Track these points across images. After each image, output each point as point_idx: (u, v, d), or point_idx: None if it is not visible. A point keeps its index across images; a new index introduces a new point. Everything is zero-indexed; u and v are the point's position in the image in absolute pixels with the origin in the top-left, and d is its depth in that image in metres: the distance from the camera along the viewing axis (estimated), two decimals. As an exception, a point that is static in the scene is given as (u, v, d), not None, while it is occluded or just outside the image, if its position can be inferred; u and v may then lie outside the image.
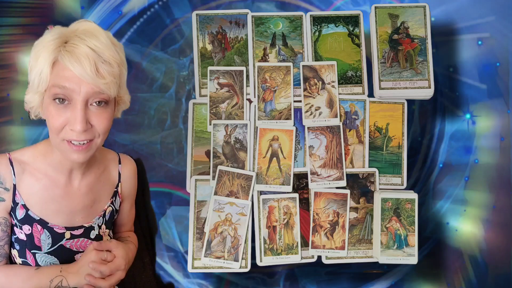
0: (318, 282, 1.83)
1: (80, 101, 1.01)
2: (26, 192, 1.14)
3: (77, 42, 1.00)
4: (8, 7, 1.75)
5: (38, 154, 1.16)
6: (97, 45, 1.00)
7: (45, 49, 1.01)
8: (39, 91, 1.04)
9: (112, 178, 1.29)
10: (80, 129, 1.01)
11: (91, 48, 0.99)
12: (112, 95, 1.05)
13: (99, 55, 1.01)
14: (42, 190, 1.15)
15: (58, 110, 1.02)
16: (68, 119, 1.02)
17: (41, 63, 1.01)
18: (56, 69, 1.01)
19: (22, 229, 1.15)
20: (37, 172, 1.15)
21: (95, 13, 1.77)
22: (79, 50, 0.99)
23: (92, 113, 1.04)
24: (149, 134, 1.76)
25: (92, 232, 1.21)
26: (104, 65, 1.01)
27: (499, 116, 1.79)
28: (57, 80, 1.01)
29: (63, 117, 1.02)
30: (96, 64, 1.00)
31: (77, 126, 1.01)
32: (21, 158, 1.15)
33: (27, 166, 1.15)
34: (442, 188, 1.80)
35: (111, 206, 1.27)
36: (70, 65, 0.99)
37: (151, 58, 1.76)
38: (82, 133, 1.02)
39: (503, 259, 1.81)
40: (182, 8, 1.77)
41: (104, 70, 1.01)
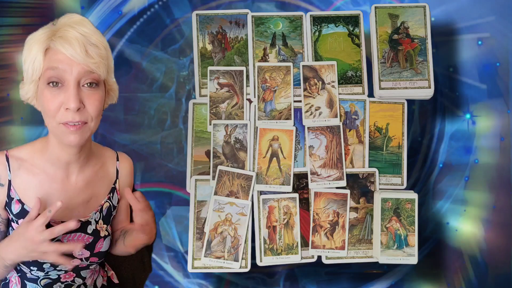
0: (318, 282, 1.83)
1: (72, 80, 1.08)
2: (22, 187, 1.17)
3: (67, 29, 1.09)
4: (8, 7, 1.75)
5: (35, 150, 1.20)
6: (85, 31, 1.10)
7: (37, 40, 1.09)
8: (33, 79, 1.10)
9: (110, 175, 1.30)
10: (74, 106, 1.07)
11: (80, 33, 1.09)
12: (101, 75, 1.12)
13: (88, 39, 1.10)
14: (39, 185, 1.17)
15: (52, 93, 1.09)
16: (63, 100, 1.08)
17: (33, 52, 1.09)
18: (49, 55, 1.09)
19: (18, 223, 1.17)
20: (34, 168, 1.18)
21: (95, 13, 1.77)
22: (69, 34, 1.08)
23: (84, 94, 1.10)
24: (149, 134, 1.76)
25: (89, 227, 1.22)
26: (92, 47, 1.09)
27: (499, 116, 1.79)
28: (50, 63, 1.08)
29: (58, 99, 1.08)
30: (85, 46, 1.08)
31: (71, 104, 1.07)
32: (18, 154, 1.19)
33: (24, 162, 1.18)
34: (442, 188, 1.80)
35: (109, 202, 1.27)
36: (62, 47, 1.07)
37: (151, 58, 1.76)
38: (76, 112, 1.08)
39: (503, 259, 1.81)
40: (182, 8, 1.77)
41: (92, 52, 1.09)
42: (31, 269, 1.17)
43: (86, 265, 1.23)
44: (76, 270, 1.22)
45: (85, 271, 1.25)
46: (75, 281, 1.23)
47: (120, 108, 1.70)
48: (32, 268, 1.17)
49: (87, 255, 1.21)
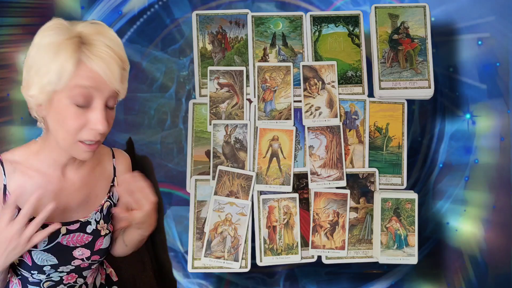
0: (318, 282, 1.83)
1: (102, 102, 1.05)
2: (18, 192, 1.13)
3: (103, 48, 1.03)
4: (8, 7, 1.75)
5: (30, 152, 1.17)
6: (121, 54, 1.06)
7: (65, 47, 1.01)
8: (51, 89, 1.03)
9: (107, 172, 1.29)
10: (102, 129, 1.05)
11: (117, 56, 1.04)
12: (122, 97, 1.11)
13: (123, 63, 1.07)
14: (35, 188, 1.14)
15: (77, 112, 1.04)
16: (88, 120, 1.05)
17: (61, 60, 1.01)
18: (81, 70, 1.02)
19: None
20: (30, 170, 1.15)
21: (95, 13, 1.77)
22: (106, 55, 1.03)
23: (106, 114, 1.08)
24: (149, 134, 1.76)
25: (88, 227, 1.21)
26: (124, 72, 1.08)
27: (499, 116, 1.79)
28: (82, 81, 1.02)
29: (83, 119, 1.04)
30: (120, 71, 1.06)
31: (99, 126, 1.05)
32: (12, 158, 1.15)
33: (18, 165, 1.15)
34: (442, 188, 1.80)
35: (109, 201, 1.27)
36: (99, 69, 1.02)
37: (151, 58, 1.76)
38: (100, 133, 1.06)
39: (503, 259, 1.81)
40: (182, 8, 1.77)
41: (123, 77, 1.08)
42: (32, 273, 1.16)
43: (88, 265, 1.22)
44: (78, 271, 1.22)
45: (87, 271, 1.24)
46: (77, 282, 1.23)
47: (120, 108, 1.70)
48: (32, 272, 1.16)
49: (88, 255, 1.20)
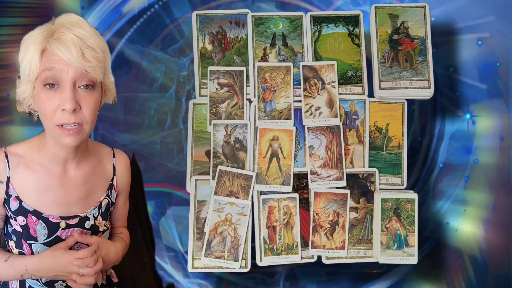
0: (318, 282, 1.83)
1: (68, 81, 1.09)
2: (20, 184, 1.18)
3: (64, 31, 1.10)
4: (8, 7, 1.75)
5: (32, 147, 1.21)
6: (82, 33, 1.10)
7: (34, 41, 1.10)
8: (30, 80, 1.11)
9: (107, 171, 1.32)
10: (70, 107, 1.08)
11: (76, 36, 1.09)
12: (98, 78, 1.13)
13: (84, 41, 1.10)
14: (37, 181, 1.19)
15: (48, 95, 1.10)
16: (59, 102, 1.09)
17: (30, 53, 1.09)
18: (45, 56, 1.09)
19: (17, 220, 1.18)
20: (33, 164, 1.20)
21: (95, 13, 1.77)
22: (65, 37, 1.08)
23: (80, 96, 1.11)
24: (149, 134, 1.76)
25: (87, 223, 1.24)
26: (88, 50, 1.10)
27: (499, 116, 1.79)
28: (46, 64, 1.09)
29: (54, 101, 1.09)
30: (81, 49, 1.09)
31: (67, 105, 1.08)
32: (17, 151, 1.20)
33: (22, 159, 1.20)
34: (442, 188, 1.80)
35: (107, 198, 1.29)
36: (58, 50, 1.07)
37: (151, 58, 1.76)
38: (72, 113, 1.09)
39: (503, 259, 1.81)
40: (182, 8, 1.77)
41: (89, 55, 1.10)
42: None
43: None
44: None
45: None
46: None
47: (120, 108, 1.70)
48: None
49: None
